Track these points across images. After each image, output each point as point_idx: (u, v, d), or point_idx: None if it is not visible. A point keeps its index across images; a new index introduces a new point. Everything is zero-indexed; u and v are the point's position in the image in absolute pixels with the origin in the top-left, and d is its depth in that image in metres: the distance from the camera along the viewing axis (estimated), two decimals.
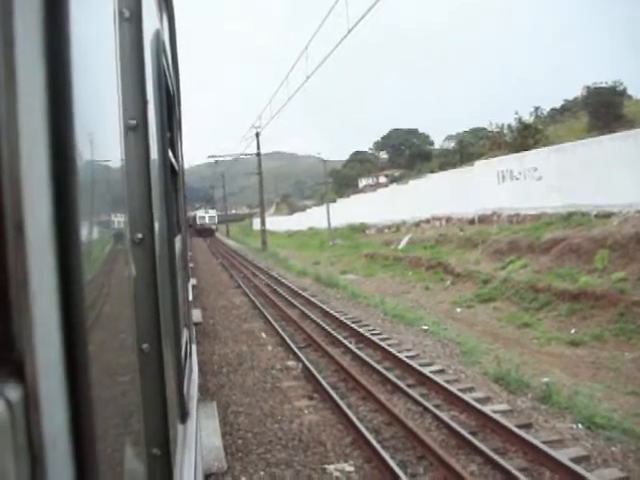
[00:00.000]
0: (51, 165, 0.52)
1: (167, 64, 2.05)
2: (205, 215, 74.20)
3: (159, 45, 1.65)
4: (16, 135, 0.44)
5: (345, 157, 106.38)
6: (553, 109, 56.67)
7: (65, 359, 0.52)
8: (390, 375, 8.90)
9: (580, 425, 6.93)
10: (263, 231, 42.44)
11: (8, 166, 0.43)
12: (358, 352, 10.32)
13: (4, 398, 0.41)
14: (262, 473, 6.09)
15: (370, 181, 72.68)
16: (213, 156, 53.19)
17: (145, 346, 1.15)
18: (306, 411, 7.92)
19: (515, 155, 23.35)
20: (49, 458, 0.46)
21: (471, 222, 23.93)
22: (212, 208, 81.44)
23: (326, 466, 6.20)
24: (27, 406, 0.43)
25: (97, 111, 0.79)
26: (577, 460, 5.83)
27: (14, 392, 0.42)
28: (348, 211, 40.91)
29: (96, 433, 0.58)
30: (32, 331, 0.45)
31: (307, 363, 9.77)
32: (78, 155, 0.58)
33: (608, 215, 15.77)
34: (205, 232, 69.58)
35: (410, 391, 8.12)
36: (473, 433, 6.66)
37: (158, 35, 1.69)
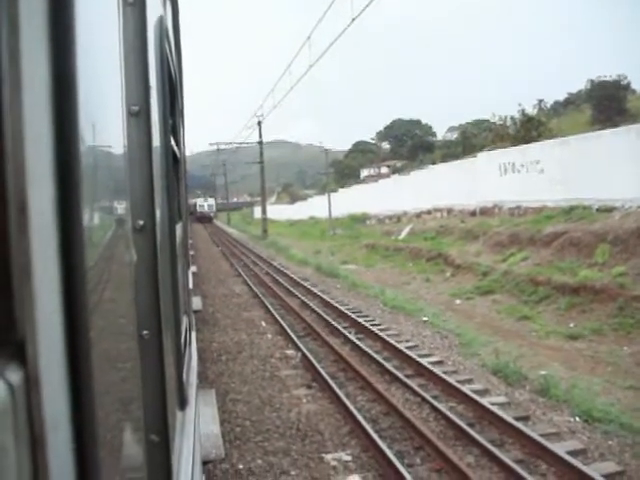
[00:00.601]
0: (54, 151, 0.52)
1: (170, 50, 2.04)
2: (204, 203, 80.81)
3: (162, 31, 1.64)
4: (20, 120, 0.44)
5: (347, 147, 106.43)
6: (556, 102, 56.51)
7: (66, 343, 0.52)
8: (389, 365, 8.94)
9: (577, 418, 6.96)
10: (264, 220, 42.45)
11: (12, 152, 0.43)
12: (357, 342, 10.35)
13: (5, 381, 0.41)
14: (260, 461, 6.13)
15: (372, 171, 72.71)
16: (215, 143, 53.30)
17: (145, 333, 1.15)
18: (304, 400, 7.95)
19: (518, 147, 23.28)
20: (50, 441, 0.46)
21: (472, 214, 23.90)
22: (211, 197, 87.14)
23: (323, 455, 6.24)
24: (28, 389, 0.44)
25: (100, 96, 0.78)
26: (574, 453, 5.86)
27: (15, 375, 0.42)
28: (349, 201, 40.84)
29: (96, 418, 0.58)
30: (34, 314, 0.45)
31: (306, 352, 9.81)
32: (81, 140, 0.58)
33: (610, 209, 15.73)
34: (204, 219, 76.48)
35: (408, 381, 8.15)
36: (471, 425, 6.69)
37: (161, 21, 1.68)
